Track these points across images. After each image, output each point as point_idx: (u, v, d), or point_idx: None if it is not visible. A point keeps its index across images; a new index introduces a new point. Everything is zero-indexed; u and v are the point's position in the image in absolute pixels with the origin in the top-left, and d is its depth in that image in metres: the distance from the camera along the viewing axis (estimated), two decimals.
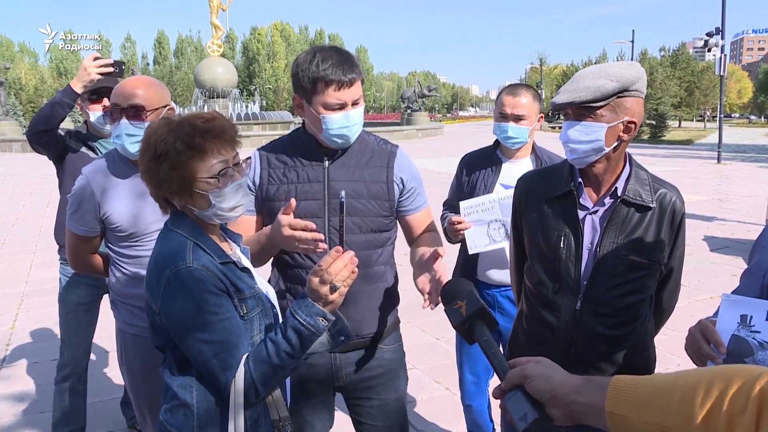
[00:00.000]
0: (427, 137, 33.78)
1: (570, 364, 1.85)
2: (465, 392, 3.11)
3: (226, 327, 1.47)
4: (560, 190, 1.93)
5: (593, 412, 0.97)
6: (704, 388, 0.86)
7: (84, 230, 2.33)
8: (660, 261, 1.87)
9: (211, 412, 1.52)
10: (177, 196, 1.54)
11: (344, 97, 1.91)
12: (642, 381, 0.95)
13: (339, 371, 2.11)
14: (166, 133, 1.50)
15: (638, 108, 1.81)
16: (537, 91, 2.79)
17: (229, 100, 38.08)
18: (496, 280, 2.81)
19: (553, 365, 1.09)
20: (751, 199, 12.52)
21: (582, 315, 1.89)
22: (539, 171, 2.14)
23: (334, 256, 1.48)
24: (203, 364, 1.48)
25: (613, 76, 1.75)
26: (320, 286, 1.48)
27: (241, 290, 1.55)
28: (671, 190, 1.91)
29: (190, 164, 1.49)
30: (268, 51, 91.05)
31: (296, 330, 1.47)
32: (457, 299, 1.25)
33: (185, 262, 1.47)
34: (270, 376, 1.48)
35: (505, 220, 2.68)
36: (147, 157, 1.52)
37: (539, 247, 1.97)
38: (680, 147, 29.41)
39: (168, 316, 1.48)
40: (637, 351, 1.94)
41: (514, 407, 1.07)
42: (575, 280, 1.89)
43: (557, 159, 2.82)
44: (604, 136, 1.78)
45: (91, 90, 3.02)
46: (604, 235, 1.85)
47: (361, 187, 2.03)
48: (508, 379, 1.09)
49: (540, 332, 2.00)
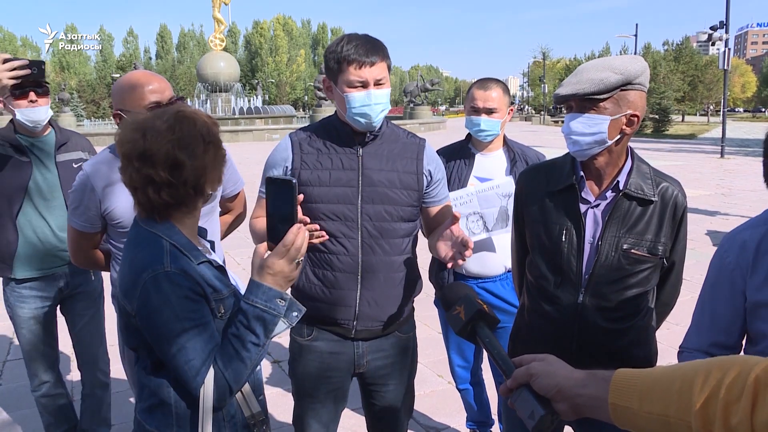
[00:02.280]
0: (429, 131, 33.73)
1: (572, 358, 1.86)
2: (456, 377, 3.16)
3: (200, 333, 1.47)
4: (562, 183, 1.93)
5: (597, 405, 1.00)
6: (702, 377, 0.88)
7: (85, 226, 2.32)
8: (661, 255, 1.88)
9: (187, 412, 1.53)
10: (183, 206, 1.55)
11: (365, 75, 1.97)
12: (644, 373, 0.98)
13: (361, 359, 2.17)
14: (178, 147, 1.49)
15: (641, 102, 1.82)
16: (506, 85, 2.84)
17: (231, 94, 38.10)
18: (474, 272, 2.83)
19: (558, 361, 1.10)
20: (754, 194, 12.49)
21: (584, 309, 1.89)
22: (541, 164, 2.15)
23: (294, 232, 1.48)
24: (176, 369, 1.47)
25: (617, 69, 1.76)
26: (287, 265, 1.48)
27: (219, 290, 1.54)
28: (673, 184, 1.92)
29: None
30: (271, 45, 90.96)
31: (259, 318, 1.47)
32: (455, 305, 1.24)
33: (163, 266, 1.46)
34: (241, 371, 1.48)
35: (483, 212, 2.72)
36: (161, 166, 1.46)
37: (541, 241, 1.98)
38: (683, 141, 29.35)
39: (144, 320, 1.47)
40: (638, 344, 1.94)
41: (522, 405, 1.08)
42: (577, 273, 1.90)
43: (528, 151, 2.91)
44: (607, 129, 1.79)
45: (14, 85, 2.46)
46: (606, 229, 1.86)
47: (394, 177, 2.09)
48: (514, 378, 1.10)
49: (542, 326, 2.00)
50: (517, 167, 2.80)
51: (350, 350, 2.15)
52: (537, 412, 1.05)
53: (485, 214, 2.72)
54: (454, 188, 2.72)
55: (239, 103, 38.22)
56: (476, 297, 1.25)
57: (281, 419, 3.58)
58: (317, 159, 2.07)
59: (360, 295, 2.09)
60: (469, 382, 3.15)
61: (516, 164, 2.81)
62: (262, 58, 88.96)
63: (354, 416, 3.49)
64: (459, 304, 1.24)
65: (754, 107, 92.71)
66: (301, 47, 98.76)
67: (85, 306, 3.13)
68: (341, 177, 2.05)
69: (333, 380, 2.18)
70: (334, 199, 2.03)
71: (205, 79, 37.18)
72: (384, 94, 2.02)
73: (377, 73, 1.99)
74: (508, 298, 2.82)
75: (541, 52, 66.83)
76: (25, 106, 2.76)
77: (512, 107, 2.91)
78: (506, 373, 1.13)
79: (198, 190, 1.53)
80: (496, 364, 1.17)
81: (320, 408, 2.21)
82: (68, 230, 2.39)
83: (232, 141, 26.56)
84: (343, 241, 2.05)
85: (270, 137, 28.29)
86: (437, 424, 3.62)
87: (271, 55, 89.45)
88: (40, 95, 2.80)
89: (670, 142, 28.75)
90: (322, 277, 2.09)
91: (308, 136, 2.13)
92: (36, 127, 2.83)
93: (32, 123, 2.80)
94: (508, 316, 2.73)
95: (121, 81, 2.29)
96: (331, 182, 2.04)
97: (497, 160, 2.84)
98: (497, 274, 2.83)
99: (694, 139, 31.14)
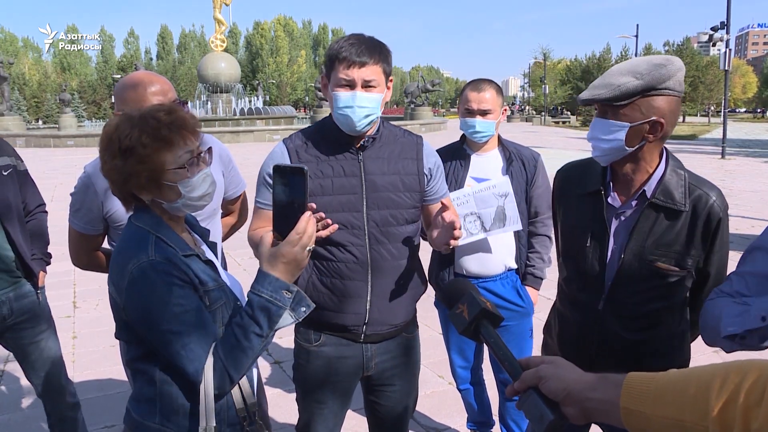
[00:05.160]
0: (430, 132, 33.68)
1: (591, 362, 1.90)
2: (457, 378, 3.16)
3: (193, 318, 1.47)
4: (591, 187, 1.88)
5: (608, 409, 0.97)
6: (719, 382, 0.86)
7: (87, 228, 2.31)
8: (689, 267, 1.79)
9: (175, 403, 1.53)
10: (145, 190, 1.54)
11: (353, 75, 1.93)
12: (656, 377, 0.96)
13: (369, 361, 2.15)
14: (129, 129, 1.50)
15: (669, 107, 1.71)
16: (499, 86, 2.84)
17: (232, 95, 38.10)
18: (474, 272, 2.83)
19: (568, 364, 1.08)
20: (756, 195, 12.47)
21: (604, 315, 1.86)
22: (577, 164, 2.07)
23: (306, 219, 1.47)
24: (171, 357, 1.48)
25: (640, 74, 1.67)
26: (300, 252, 1.46)
27: (205, 282, 1.55)
28: (710, 192, 1.79)
29: (157, 156, 1.50)
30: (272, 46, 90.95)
31: (263, 308, 1.46)
32: (458, 303, 1.21)
33: (147, 255, 1.48)
34: (242, 361, 1.48)
35: (480, 212, 2.72)
36: (110, 154, 1.52)
37: (567, 243, 1.96)
38: (684, 142, 29.31)
39: (133, 310, 1.49)
40: (659, 356, 1.87)
41: (530, 409, 1.05)
42: (599, 280, 1.86)
43: (524, 150, 2.90)
44: (625, 137, 1.71)
45: None
46: (630, 239, 1.79)
47: (397, 180, 2.07)
48: (522, 381, 1.07)
49: (565, 328, 1.99)
50: (513, 167, 2.80)
51: (359, 354, 2.13)
52: (546, 417, 1.02)
53: (482, 214, 2.72)
54: (451, 189, 2.71)
55: (240, 103, 38.19)
56: (479, 295, 1.21)
57: (281, 420, 3.58)
58: (317, 167, 2.01)
59: (370, 302, 2.06)
60: (469, 382, 3.15)
61: (512, 164, 2.81)
62: (262, 59, 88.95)
63: (355, 416, 3.49)
64: (462, 302, 1.20)
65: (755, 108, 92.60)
66: (302, 48, 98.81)
67: (36, 332, 2.77)
68: (344, 184, 2.01)
69: (341, 384, 2.17)
70: (338, 208, 1.98)
71: (205, 79, 37.16)
72: (371, 98, 1.95)
73: (366, 75, 1.93)
74: (509, 296, 2.83)
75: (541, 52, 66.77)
76: None
77: (506, 107, 2.92)
78: (512, 374, 1.11)
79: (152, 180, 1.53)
80: (501, 365, 1.14)
81: (328, 413, 2.19)
82: (69, 232, 2.37)
83: (233, 142, 26.53)
84: (351, 249, 2.02)
85: (271, 138, 28.27)
86: (437, 424, 3.61)
87: (271, 56, 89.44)
88: None
89: (671, 142, 28.68)
90: (331, 286, 2.05)
91: (304, 142, 2.07)
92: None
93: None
94: (509, 315, 2.74)
95: (123, 81, 2.27)
96: (334, 190, 1.99)
97: (493, 161, 2.84)
98: (497, 273, 2.83)
99: (695, 140, 31.10)
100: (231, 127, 30.99)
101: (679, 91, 1.72)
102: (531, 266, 2.90)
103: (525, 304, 2.87)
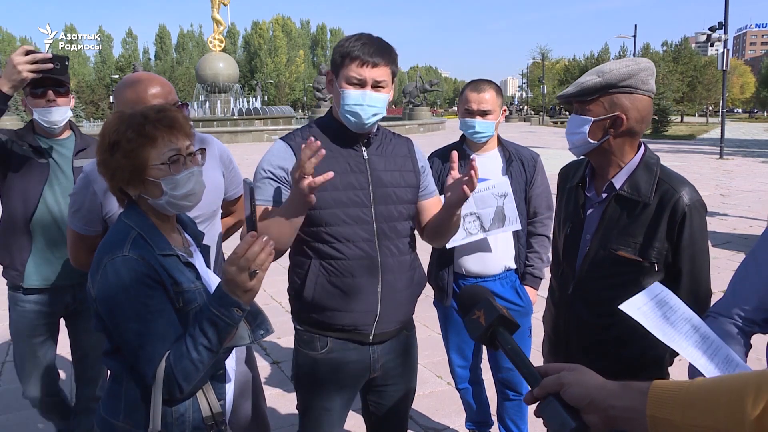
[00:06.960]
0: (429, 132, 33.68)
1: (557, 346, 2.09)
2: (456, 377, 3.16)
3: (155, 319, 1.48)
4: (575, 180, 2.04)
5: (633, 416, 0.96)
6: (754, 390, 0.86)
7: (86, 229, 2.30)
8: (653, 259, 1.85)
9: (137, 400, 1.54)
10: (130, 185, 1.57)
11: (365, 74, 1.96)
12: (684, 384, 0.95)
13: (376, 363, 2.15)
14: (117, 124, 1.54)
15: (632, 104, 1.82)
16: (498, 86, 2.86)
17: (230, 95, 38.06)
18: (473, 272, 2.84)
19: (588, 371, 1.07)
20: (753, 195, 12.50)
21: (573, 300, 1.99)
22: (576, 161, 2.15)
23: (249, 241, 1.42)
24: (130, 354, 1.50)
25: (603, 73, 1.81)
26: (238, 274, 1.42)
27: (180, 283, 1.55)
28: (678, 187, 1.85)
29: (141, 152, 1.53)
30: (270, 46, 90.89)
31: (212, 322, 1.46)
32: (474, 309, 1.20)
33: (122, 251, 1.50)
34: (190, 371, 1.47)
35: (480, 212, 2.73)
36: (101, 149, 1.56)
37: (555, 233, 2.16)
38: (682, 142, 29.34)
39: (101, 303, 1.51)
40: (623, 344, 1.91)
41: (550, 417, 1.04)
42: (572, 266, 2.00)
43: (523, 150, 2.94)
44: (588, 130, 1.85)
45: (33, 83, 2.43)
46: (598, 228, 1.92)
47: (398, 176, 2.11)
48: (543, 387, 1.06)
49: (547, 311, 2.19)
50: (512, 167, 2.82)
51: (366, 356, 2.12)
52: (567, 424, 1.01)
53: (482, 214, 2.74)
54: None
55: (238, 103, 38.15)
56: (495, 301, 1.20)
57: (281, 420, 3.58)
58: (325, 164, 1.97)
59: (381, 299, 2.06)
60: (468, 381, 3.16)
61: (512, 164, 2.82)
62: (261, 59, 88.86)
63: (354, 416, 3.49)
64: (478, 308, 1.18)
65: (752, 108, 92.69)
66: (300, 48, 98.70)
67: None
68: (351, 180, 2.02)
69: (348, 389, 2.16)
70: (348, 203, 2.00)
71: (204, 80, 37.12)
72: (380, 98, 2.00)
73: (377, 76, 1.97)
74: (508, 296, 2.84)
75: (540, 52, 66.81)
76: (43, 105, 2.62)
77: (505, 108, 2.93)
78: (530, 381, 1.10)
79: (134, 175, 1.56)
80: (519, 372, 1.13)
81: (336, 418, 2.18)
82: (68, 233, 2.35)
83: (231, 142, 26.52)
84: (360, 244, 2.02)
85: (269, 138, 28.24)
86: (436, 424, 3.61)
87: (270, 56, 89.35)
88: (59, 95, 2.65)
89: (669, 142, 28.74)
90: (341, 285, 2.03)
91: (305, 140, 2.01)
92: (52, 128, 2.69)
93: (48, 124, 2.66)
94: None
95: (123, 82, 2.25)
96: (342, 186, 2.00)
97: (493, 161, 2.85)
98: (497, 273, 2.84)
99: (693, 140, 31.11)
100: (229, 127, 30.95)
101: (644, 89, 1.83)
102: (530, 266, 2.92)
103: (524, 304, 2.89)
